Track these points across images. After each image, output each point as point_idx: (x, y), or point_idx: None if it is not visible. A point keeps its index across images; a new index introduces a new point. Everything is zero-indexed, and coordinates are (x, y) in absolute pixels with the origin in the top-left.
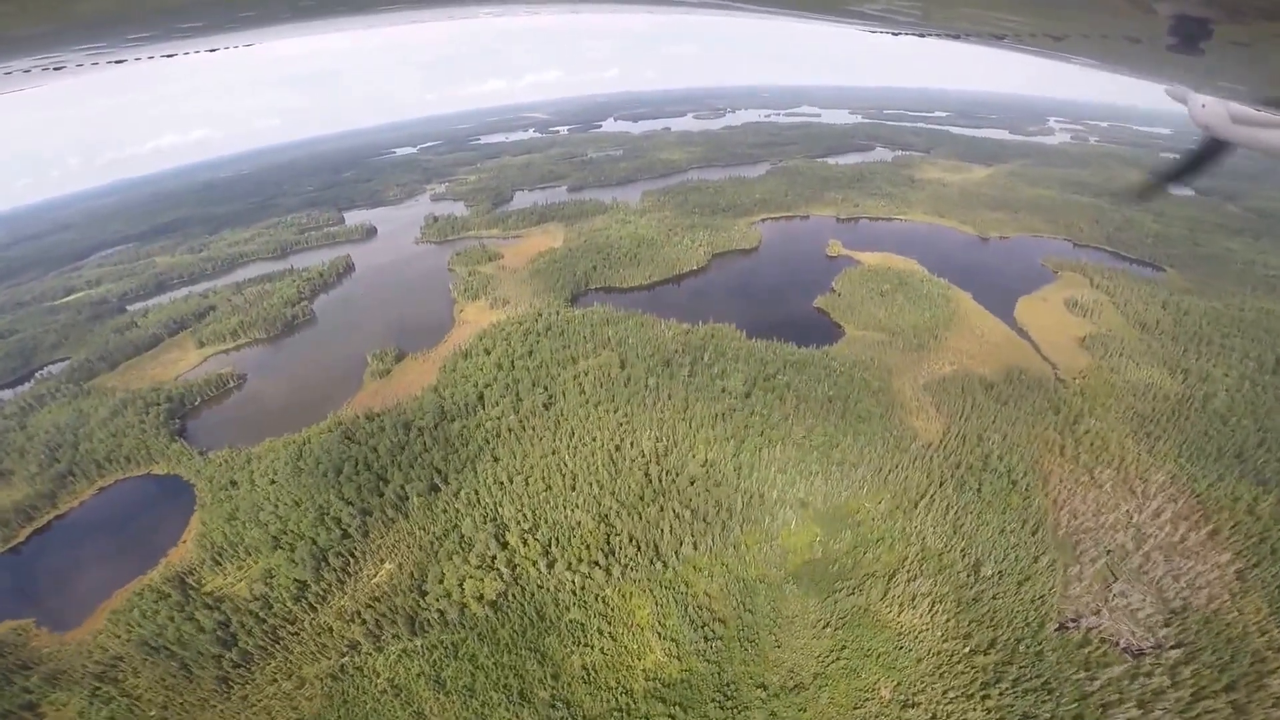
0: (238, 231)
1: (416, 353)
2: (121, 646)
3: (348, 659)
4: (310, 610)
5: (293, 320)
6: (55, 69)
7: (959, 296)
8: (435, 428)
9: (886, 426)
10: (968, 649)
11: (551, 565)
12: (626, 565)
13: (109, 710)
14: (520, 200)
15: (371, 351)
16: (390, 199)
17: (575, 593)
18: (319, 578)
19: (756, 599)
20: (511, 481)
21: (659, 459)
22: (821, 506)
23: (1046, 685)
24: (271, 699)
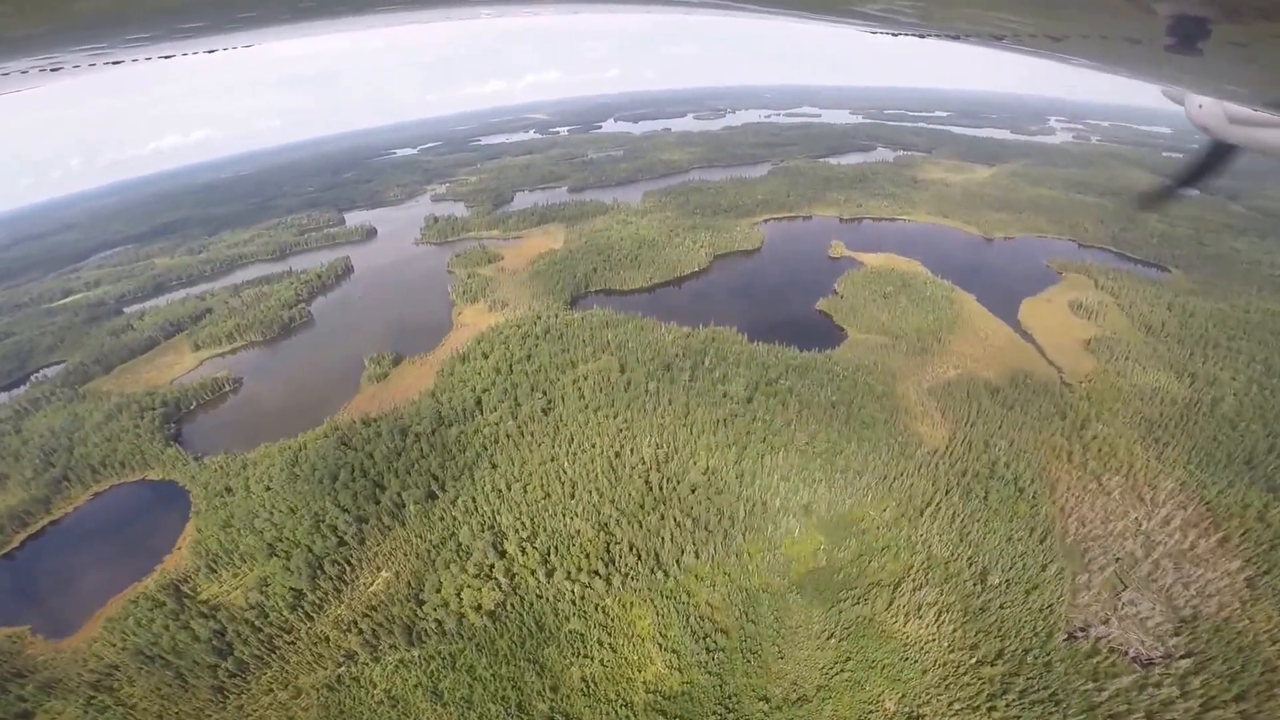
0: (237, 233)
1: (414, 356)
2: (117, 655)
3: (344, 669)
4: (306, 619)
5: (290, 323)
6: (53, 70)
7: (963, 298)
8: (432, 433)
9: (891, 432)
10: (974, 660)
11: (550, 574)
12: (627, 575)
13: None
14: (520, 201)
15: (369, 355)
16: (390, 200)
17: (575, 603)
18: (315, 586)
19: (759, 609)
20: (510, 489)
21: (659, 466)
22: (825, 514)
23: (1054, 696)
24: (267, 709)
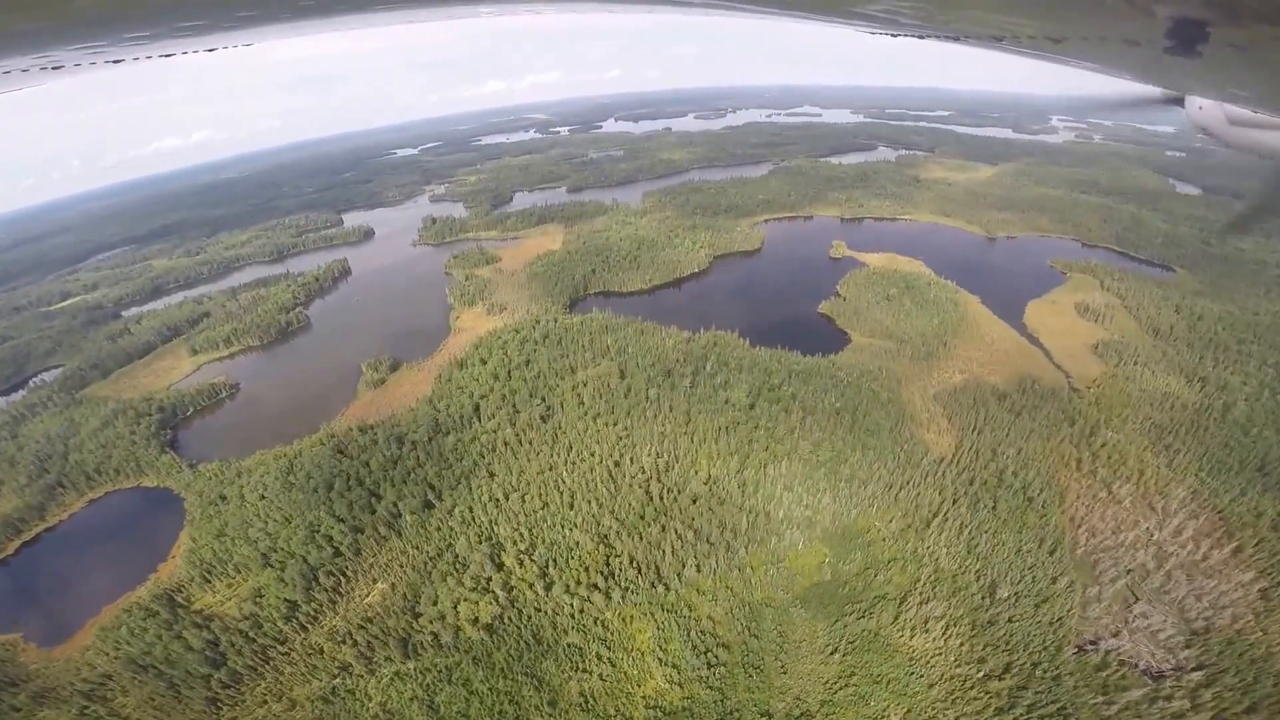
0: (235, 234)
1: (412, 361)
2: (110, 664)
3: (339, 681)
4: (301, 630)
5: (287, 327)
6: (54, 68)
7: (967, 300)
8: (429, 442)
9: (896, 440)
10: (982, 674)
11: (549, 588)
12: (627, 588)
13: None
14: (520, 201)
15: (366, 360)
16: (389, 200)
17: (573, 616)
18: (310, 597)
19: (762, 623)
20: (507, 498)
21: (660, 475)
22: (830, 526)
23: (1063, 711)
24: None
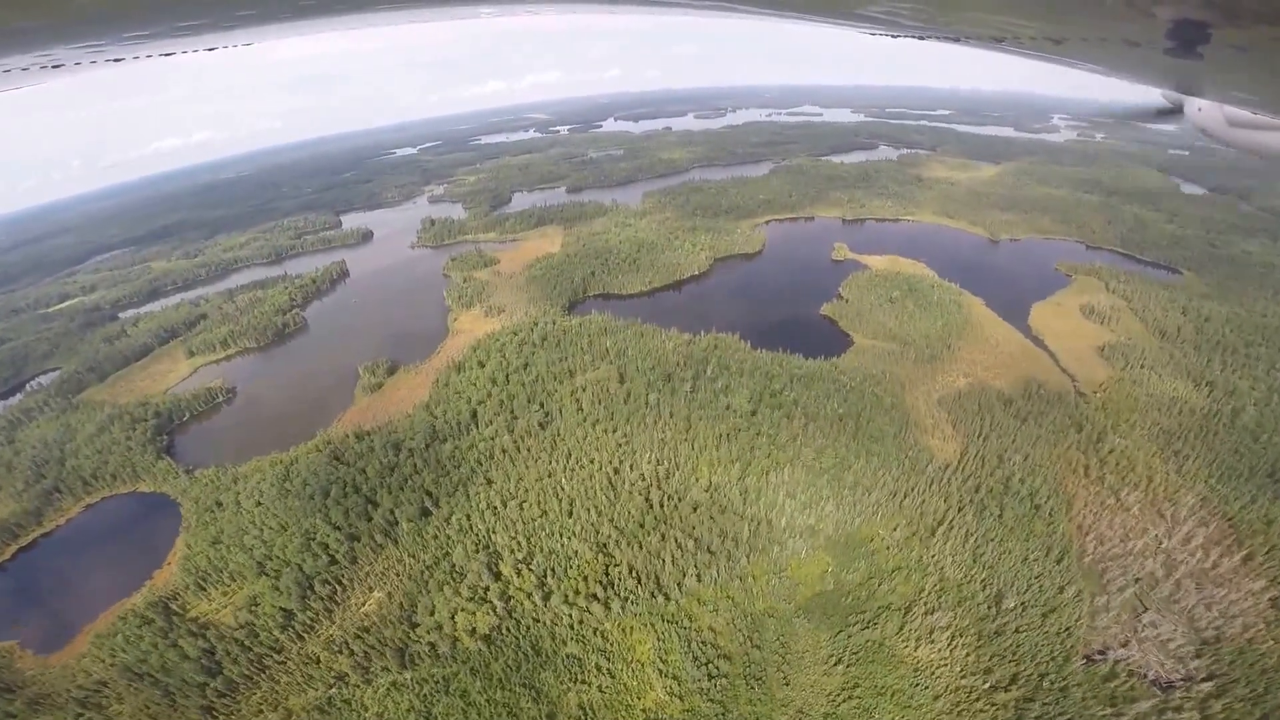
0: (234, 236)
1: (409, 365)
2: (105, 671)
3: (335, 691)
4: (297, 639)
5: (284, 329)
6: (54, 66)
7: (971, 303)
8: (426, 448)
9: (901, 447)
10: (988, 685)
11: (547, 598)
12: (626, 599)
13: None
14: (519, 201)
15: (363, 363)
16: (389, 200)
17: (572, 627)
18: (305, 606)
19: (764, 634)
20: (505, 506)
21: (660, 483)
22: (833, 534)
23: None
24: None
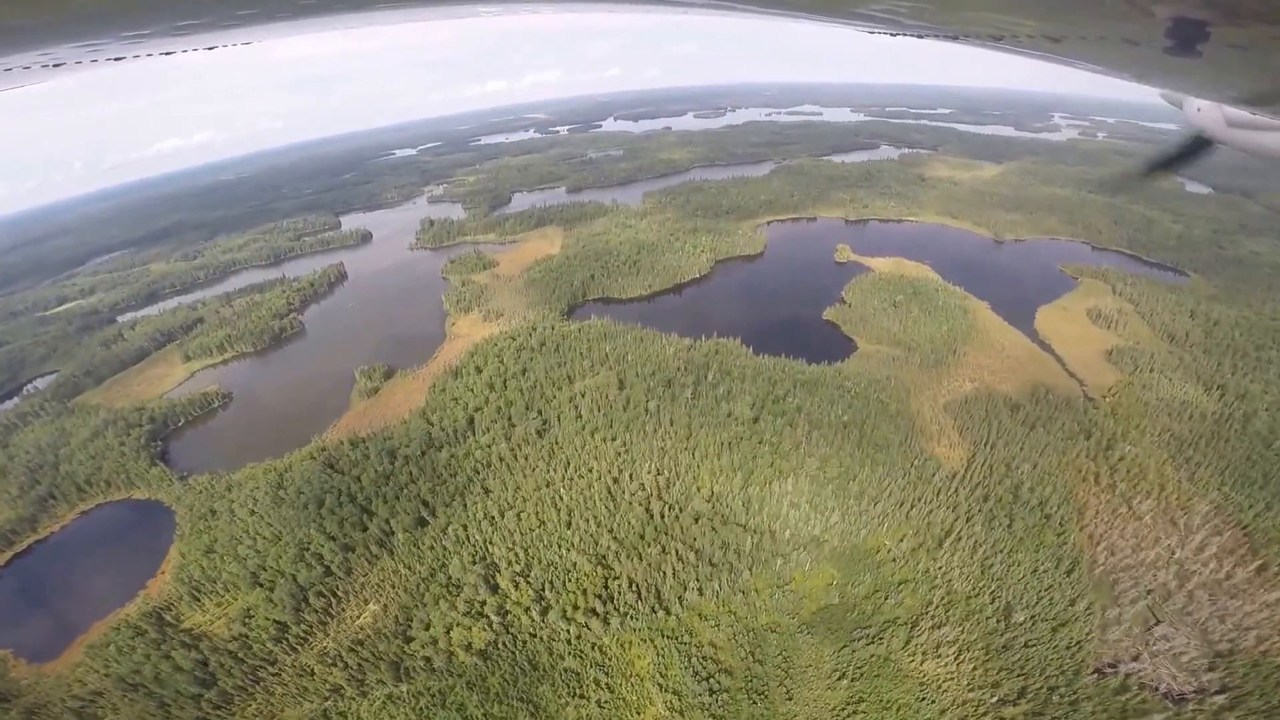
0: (233, 238)
1: (406, 370)
2: (100, 681)
3: (330, 704)
4: (291, 651)
5: (281, 333)
6: (54, 65)
7: (976, 306)
8: (422, 456)
9: (907, 455)
10: (995, 699)
11: (545, 613)
12: (626, 613)
13: None
14: (519, 202)
15: (360, 368)
16: (388, 201)
17: (570, 642)
18: (299, 618)
19: (767, 649)
20: (503, 516)
21: (661, 493)
22: (838, 545)
23: None
24: None
